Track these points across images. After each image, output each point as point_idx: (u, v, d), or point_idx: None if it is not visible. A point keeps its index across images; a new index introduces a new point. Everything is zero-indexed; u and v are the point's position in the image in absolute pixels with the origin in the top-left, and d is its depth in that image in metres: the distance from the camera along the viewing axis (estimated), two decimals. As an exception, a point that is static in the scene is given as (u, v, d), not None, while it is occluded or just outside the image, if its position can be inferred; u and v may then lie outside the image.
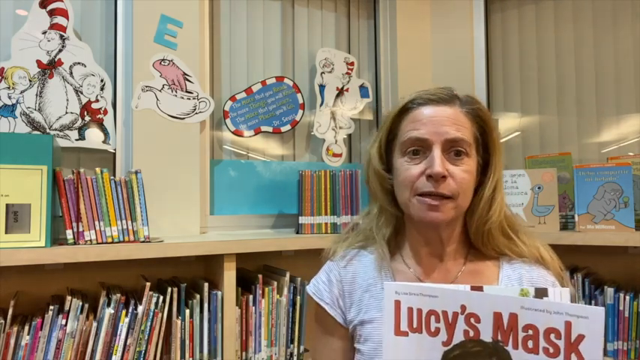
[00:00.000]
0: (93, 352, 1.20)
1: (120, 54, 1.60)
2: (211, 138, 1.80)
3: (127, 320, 1.23)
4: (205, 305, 1.33)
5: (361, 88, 2.05)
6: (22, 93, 1.44)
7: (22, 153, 1.18)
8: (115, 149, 1.58)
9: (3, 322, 1.14)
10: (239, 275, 1.40)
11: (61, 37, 1.48)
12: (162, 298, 1.27)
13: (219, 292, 1.36)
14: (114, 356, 1.21)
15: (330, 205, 1.64)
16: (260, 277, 1.43)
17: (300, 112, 1.90)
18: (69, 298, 1.19)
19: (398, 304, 0.68)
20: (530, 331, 0.60)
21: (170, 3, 1.60)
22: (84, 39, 1.56)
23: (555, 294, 0.64)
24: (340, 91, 2.00)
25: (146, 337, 1.25)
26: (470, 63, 2.12)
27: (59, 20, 1.48)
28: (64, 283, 1.37)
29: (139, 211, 1.32)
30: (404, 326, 0.67)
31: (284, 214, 1.88)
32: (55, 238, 1.25)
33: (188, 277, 1.49)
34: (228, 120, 1.77)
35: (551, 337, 0.58)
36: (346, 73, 2.02)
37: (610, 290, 1.46)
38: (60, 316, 1.18)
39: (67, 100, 1.50)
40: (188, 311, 1.31)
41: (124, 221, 1.30)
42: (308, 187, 1.63)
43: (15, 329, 1.15)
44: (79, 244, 1.24)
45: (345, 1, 2.15)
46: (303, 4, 2.04)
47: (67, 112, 1.50)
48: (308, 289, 0.96)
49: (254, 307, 1.42)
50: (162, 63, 1.58)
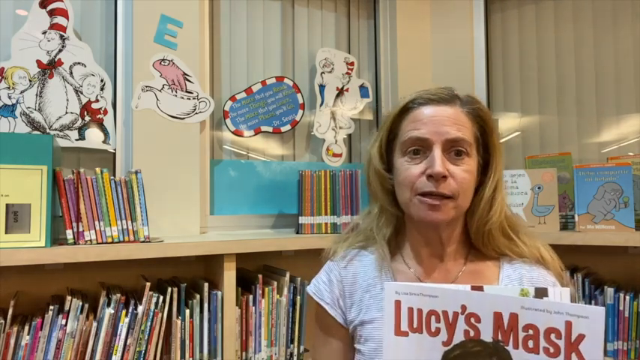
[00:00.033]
0: (93, 352, 1.20)
1: (120, 54, 1.60)
2: (211, 138, 1.80)
3: (127, 320, 1.23)
4: (205, 305, 1.33)
5: (361, 88, 2.05)
6: (22, 93, 1.44)
7: (22, 153, 1.18)
8: (115, 149, 1.58)
9: (3, 322, 1.14)
10: (239, 275, 1.40)
11: (61, 37, 1.48)
12: (162, 298, 1.27)
13: (219, 292, 1.36)
14: (114, 356, 1.21)
15: (330, 205, 1.64)
16: (260, 277, 1.43)
17: (300, 112, 1.90)
18: (69, 298, 1.19)
19: (398, 304, 0.68)
20: (531, 331, 0.60)
21: (170, 3, 1.60)
22: (84, 39, 1.56)
23: (555, 294, 0.64)
24: (340, 91, 2.00)
25: (146, 337, 1.25)
26: (470, 63, 2.12)
27: (59, 20, 1.48)
28: (64, 283, 1.37)
29: (139, 211, 1.32)
30: (404, 326, 0.67)
31: (284, 214, 1.88)
32: (55, 238, 1.25)
33: (188, 277, 1.49)
34: (228, 120, 1.77)
35: (552, 336, 0.58)
36: (346, 73, 2.02)
37: (610, 290, 1.46)
38: (60, 316, 1.18)
39: (67, 100, 1.50)
40: (188, 311, 1.31)
41: (124, 221, 1.30)
42: (308, 187, 1.63)
43: (15, 329, 1.15)
44: (79, 244, 1.24)
45: (345, 1, 2.15)
46: (303, 4, 2.04)
47: (67, 112, 1.50)
48: (308, 289, 0.96)
49: (254, 307, 1.42)
50: (162, 63, 1.58)
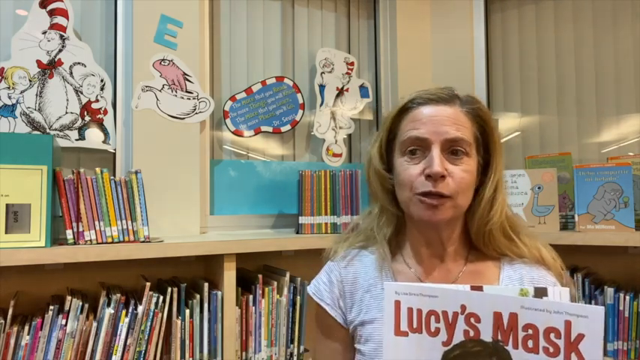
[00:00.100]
0: (93, 352, 1.20)
1: (120, 54, 1.60)
2: (211, 138, 1.80)
3: (127, 320, 1.23)
4: (205, 305, 1.33)
5: (361, 88, 2.05)
6: (22, 93, 1.44)
7: (22, 153, 1.18)
8: (115, 149, 1.58)
9: (3, 322, 1.14)
10: (239, 275, 1.40)
11: (61, 37, 1.48)
12: (162, 298, 1.27)
13: (219, 292, 1.36)
14: (114, 356, 1.21)
15: (330, 205, 1.64)
16: (260, 277, 1.43)
17: (300, 112, 1.90)
18: (69, 298, 1.19)
19: (398, 304, 0.68)
20: (530, 331, 0.60)
21: (170, 3, 1.60)
22: (84, 39, 1.56)
23: (555, 293, 0.64)
24: (340, 91, 2.00)
25: (146, 337, 1.25)
26: (470, 63, 2.12)
27: (59, 20, 1.48)
28: (64, 283, 1.37)
29: (139, 211, 1.33)
30: (404, 326, 0.67)
31: (284, 214, 1.88)
32: (55, 238, 1.25)
33: (188, 277, 1.49)
34: (228, 120, 1.77)
35: (551, 336, 0.58)
36: (346, 73, 2.02)
37: (610, 290, 1.46)
38: (60, 316, 1.18)
39: (67, 100, 1.50)
40: (188, 311, 1.31)
41: (124, 221, 1.30)
42: (308, 187, 1.63)
43: (15, 329, 1.15)
44: (79, 244, 1.24)
45: (345, 1, 2.15)
46: (303, 4, 2.04)
47: (67, 112, 1.50)
48: (309, 289, 0.96)
49: (254, 307, 1.42)
50: (163, 63, 1.58)
